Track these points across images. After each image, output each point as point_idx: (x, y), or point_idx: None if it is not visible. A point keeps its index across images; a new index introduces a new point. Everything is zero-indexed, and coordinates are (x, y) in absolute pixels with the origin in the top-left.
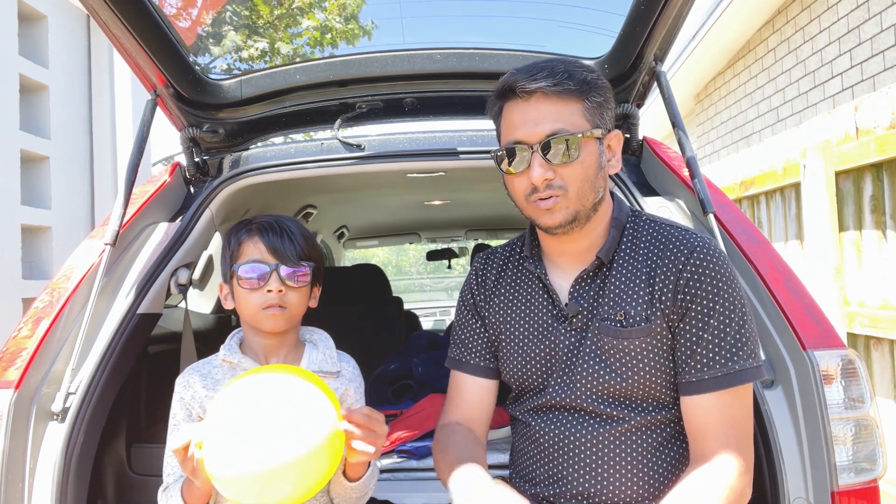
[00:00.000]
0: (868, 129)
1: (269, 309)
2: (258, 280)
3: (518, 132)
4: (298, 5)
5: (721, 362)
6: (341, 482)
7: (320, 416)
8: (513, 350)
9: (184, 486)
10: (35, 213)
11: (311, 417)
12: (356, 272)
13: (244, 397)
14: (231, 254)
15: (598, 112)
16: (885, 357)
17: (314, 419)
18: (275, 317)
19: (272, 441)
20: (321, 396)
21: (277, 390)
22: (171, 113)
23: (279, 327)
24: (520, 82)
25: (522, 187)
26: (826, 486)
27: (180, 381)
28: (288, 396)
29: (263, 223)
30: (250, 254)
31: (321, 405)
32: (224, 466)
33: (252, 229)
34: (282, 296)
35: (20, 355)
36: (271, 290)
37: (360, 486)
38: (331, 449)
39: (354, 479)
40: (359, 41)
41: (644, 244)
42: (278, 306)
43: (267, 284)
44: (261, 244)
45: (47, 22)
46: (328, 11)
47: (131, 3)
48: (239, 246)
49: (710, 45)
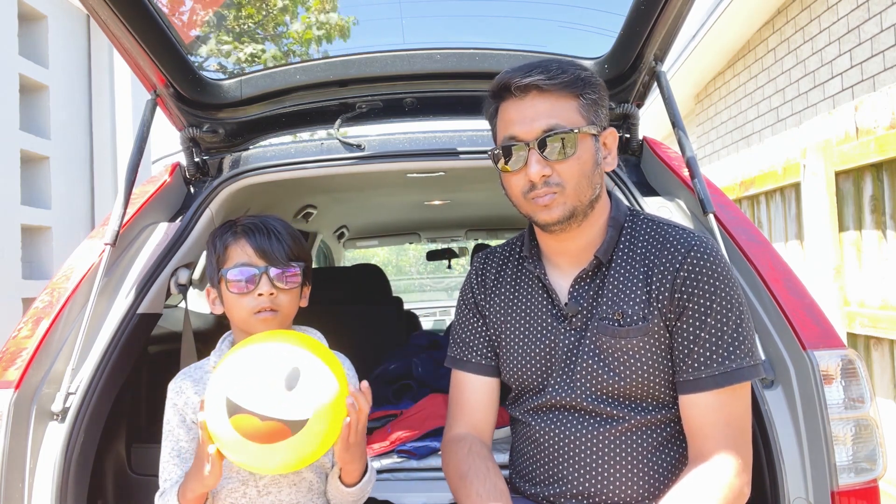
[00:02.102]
0: (868, 129)
1: (260, 314)
2: (247, 284)
3: (514, 129)
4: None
5: (718, 361)
6: (339, 488)
7: (324, 382)
8: (512, 350)
9: (180, 490)
10: (35, 213)
11: (316, 382)
12: (356, 272)
13: (252, 361)
14: (217, 257)
15: (593, 109)
16: (885, 357)
17: (319, 384)
18: (266, 321)
19: (279, 403)
20: (325, 366)
21: (284, 355)
22: (171, 113)
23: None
24: (514, 79)
25: (520, 185)
26: (826, 486)
27: (172, 386)
28: (294, 362)
29: (249, 224)
30: (237, 257)
31: (325, 373)
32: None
33: (238, 231)
34: (273, 299)
35: (20, 355)
36: (262, 293)
37: (357, 492)
38: (331, 414)
39: (351, 485)
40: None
41: (642, 243)
42: (270, 310)
43: (257, 288)
44: (248, 247)
45: (47, 22)
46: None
47: (131, 3)
48: (225, 249)
49: (710, 45)
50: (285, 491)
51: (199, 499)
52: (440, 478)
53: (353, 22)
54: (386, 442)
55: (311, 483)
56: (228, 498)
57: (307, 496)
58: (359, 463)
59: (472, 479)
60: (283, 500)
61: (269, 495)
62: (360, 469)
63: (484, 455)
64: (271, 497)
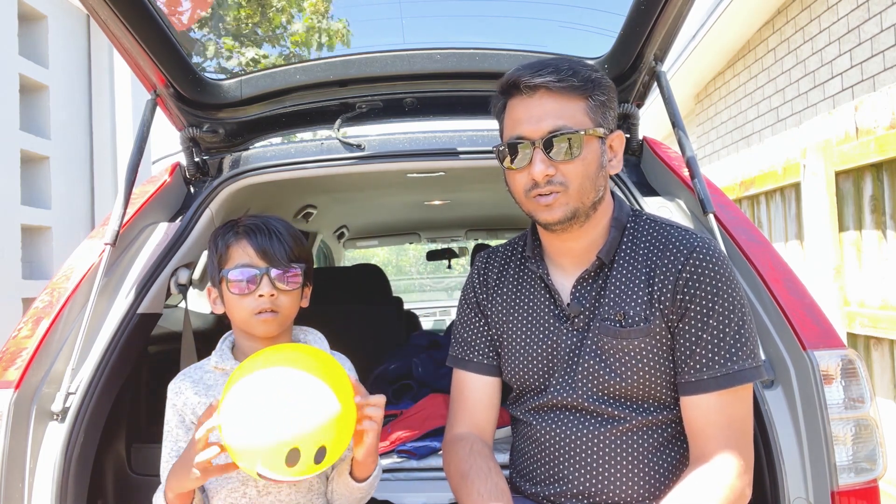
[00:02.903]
0: (868, 129)
1: (261, 315)
2: (248, 284)
3: (521, 128)
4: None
5: (720, 362)
6: (348, 483)
7: (333, 394)
8: (514, 350)
9: (167, 487)
10: (35, 213)
11: (325, 395)
12: (356, 272)
13: (263, 375)
14: (219, 258)
15: (601, 111)
16: (885, 357)
17: (327, 397)
18: (267, 322)
19: (288, 416)
20: (334, 381)
21: (296, 370)
22: (171, 113)
23: (271, 332)
24: (524, 78)
25: (523, 182)
26: (826, 486)
27: (172, 387)
28: (304, 378)
29: (250, 225)
30: (239, 258)
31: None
32: (242, 438)
33: (239, 231)
34: (274, 300)
35: (20, 355)
36: (263, 294)
37: (367, 487)
38: (341, 426)
39: (362, 480)
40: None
41: (644, 244)
42: (270, 311)
43: (258, 289)
44: (249, 247)
45: (47, 22)
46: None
47: (131, 3)
48: (227, 249)
49: (710, 45)
50: (285, 491)
51: (188, 495)
52: (440, 478)
53: (346, 27)
54: (386, 442)
55: (311, 483)
56: (228, 498)
57: (307, 496)
58: (374, 457)
59: (473, 479)
60: (283, 500)
61: (269, 495)
62: (375, 464)
63: (485, 454)
64: (271, 497)
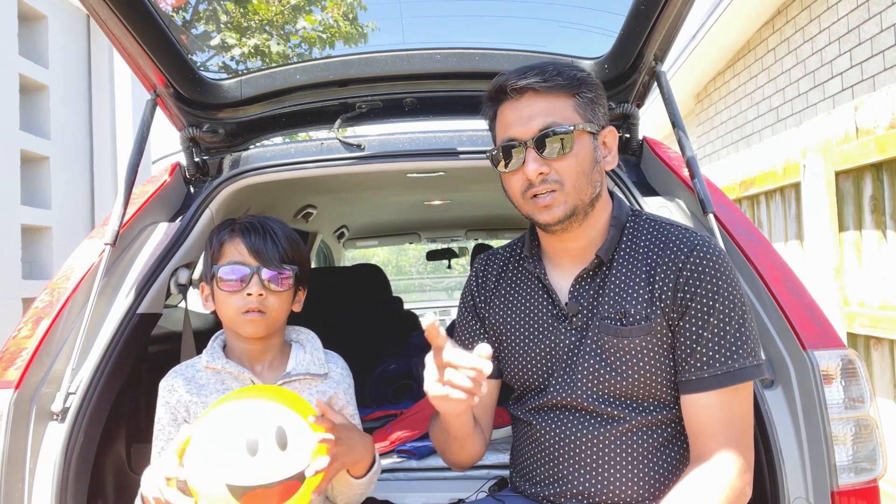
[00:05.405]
0: (868, 129)
1: (248, 314)
2: (238, 282)
3: (511, 130)
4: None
5: (721, 361)
6: (346, 480)
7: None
8: (514, 350)
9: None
10: (35, 213)
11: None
12: (356, 272)
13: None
14: (212, 254)
15: (590, 108)
16: (885, 357)
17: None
18: (254, 322)
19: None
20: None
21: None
22: (171, 113)
23: (258, 333)
24: (510, 82)
25: (519, 184)
26: (826, 486)
27: (164, 385)
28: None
29: (246, 224)
30: (231, 255)
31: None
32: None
33: (234, 230)
34: (262, 300)
35: (20, 355)
36: (251, 293)
37: (366, 483)
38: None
39: (359, 476)
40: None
41: (644, 243)
42: (258, 311)
43: (247, 287)
44: (242, 246)
45: (47, 22)
46: (327, 10)
47: (131, 3)
48: (220, 246)
49: (710, 45)
50: None
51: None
52: (440, 478)
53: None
54: (386, 442)
55: None
56: None
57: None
58: (366, 459)
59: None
60: None
61: None
62: (366, 463)
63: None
64: None
